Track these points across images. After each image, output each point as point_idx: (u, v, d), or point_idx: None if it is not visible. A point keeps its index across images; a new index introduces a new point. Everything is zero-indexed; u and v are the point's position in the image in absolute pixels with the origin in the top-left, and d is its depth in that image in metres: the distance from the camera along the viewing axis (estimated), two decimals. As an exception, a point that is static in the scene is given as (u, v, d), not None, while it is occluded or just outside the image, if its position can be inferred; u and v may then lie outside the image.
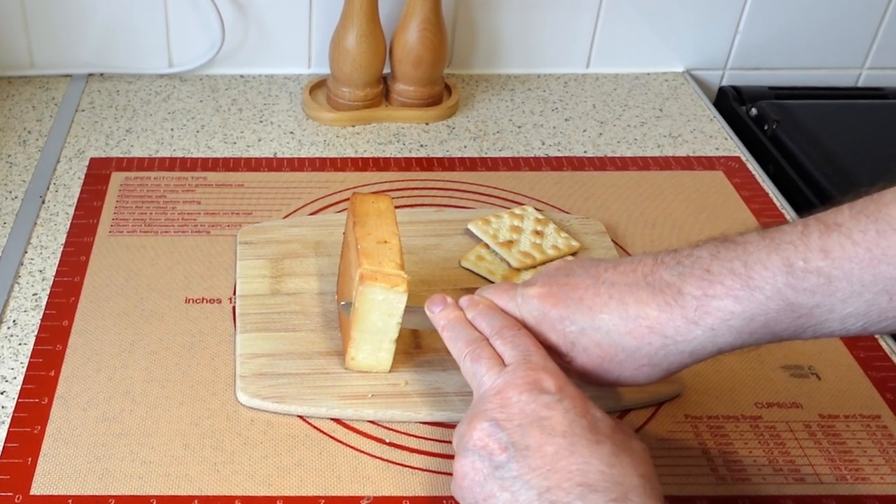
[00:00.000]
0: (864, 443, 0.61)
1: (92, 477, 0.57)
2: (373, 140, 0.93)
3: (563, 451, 0.48)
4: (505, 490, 0.48)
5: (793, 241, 0.49)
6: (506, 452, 0.49)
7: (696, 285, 0.50)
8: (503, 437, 0.49)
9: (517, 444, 0.49)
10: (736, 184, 0.87)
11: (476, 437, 0.50)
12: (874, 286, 0.47)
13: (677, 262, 0.52)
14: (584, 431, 0.49)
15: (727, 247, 0.51)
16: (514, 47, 1.04)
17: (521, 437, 0.49)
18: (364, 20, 0.89)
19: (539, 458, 0.48)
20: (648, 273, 0.53)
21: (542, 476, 0.47)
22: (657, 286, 0.52)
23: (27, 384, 0.63)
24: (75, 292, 0.71)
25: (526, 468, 0.48)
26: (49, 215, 0.80)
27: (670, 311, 0.51)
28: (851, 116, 1.01)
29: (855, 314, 0.48)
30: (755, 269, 0.49)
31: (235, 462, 0.59)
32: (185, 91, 1.00)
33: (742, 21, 1.04)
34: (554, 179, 0.87)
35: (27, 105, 0.96)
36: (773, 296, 0.48)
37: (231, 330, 0.68)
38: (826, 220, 0.49)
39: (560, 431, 0.49)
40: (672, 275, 0.52)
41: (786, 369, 0.66)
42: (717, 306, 0.50)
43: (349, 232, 0.64)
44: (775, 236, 0.50)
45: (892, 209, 0.47)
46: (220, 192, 0.83)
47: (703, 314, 0.50)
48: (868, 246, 0.46)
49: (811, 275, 0.47)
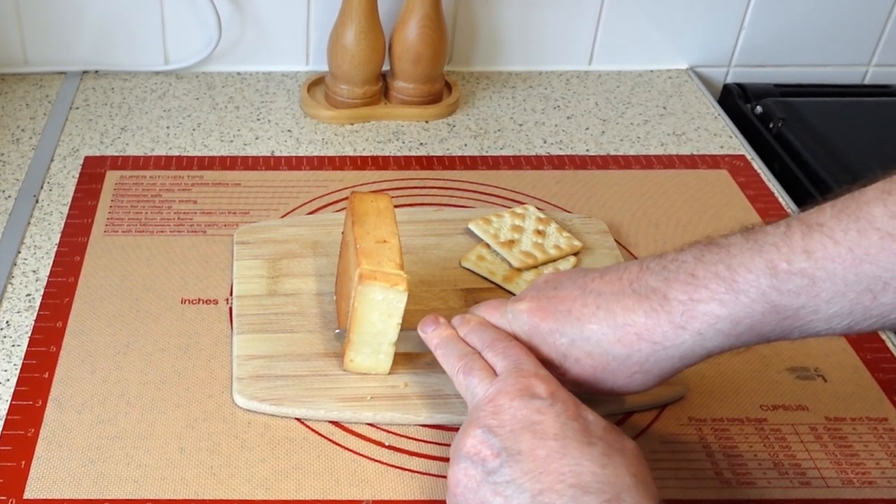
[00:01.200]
0: (871, 446, 0.61)
1: (86, 480, 0.57)
2: (372, 138, 0.93)
3: (555, 453, 0.48)
4: (498, 495, 0.49)
5: (776, 243, 0.49)
6: (498, 458, 0.50)
7: (682, 290, 0.51)
8: (496, 442, 0.50)
9: (509, 450, 0.49)
10: (741, 183, 0.87)
11: (469, 445, 0.51)
12: (857, 286, 0.47)
13: (662, 267, 0.53)
14: (575, 434, 0.49)
15: (711, 250, 0.51)
16: (515, 44, 1.04)
17: (514, 443, 0.50)
18: (363, 16, 0.89)
19: (531, 461, 0.48)
20: (634, 280, 0.53)
21: (535, 479, 0.48)
22: (643, 293, 0.52)
23: (20, 386, 0.63)
24: (69, 293, 0.71)
25: (518, 472, 0.49)
26: (43, 215, 0.80)
27: (657, 317, 0.51)
28: (858, 114, 1.01)
29: (840, 314, 0.48)
30: (739, 273, 0.49)
31: (232, 465, 0.59)
32: (181, 88, 1.00)
33: (747, 17, 1.04)
34: (556, 178, 0.87)
35: (21, 103, 0.96)
36: (757, 298, 0.49)
37: (228, 331, 0.68)
38: (808, 220, 0.49)
39: (552, 435, 0.49)
40: (657, 280, 0.52)
41: (791, 371, 0.66)
42: (703, 310, 0.50)
43: (348, 231, 0.64)
44: (758, 238, 0.50)
45: (872, 208, 0.47)
46: (217, 192, 0.83)
47: (689, 319, 0.51)
48: (850, 246, 0.47)
49: (795, 276, 0.48)
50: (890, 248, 0.46)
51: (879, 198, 0.47)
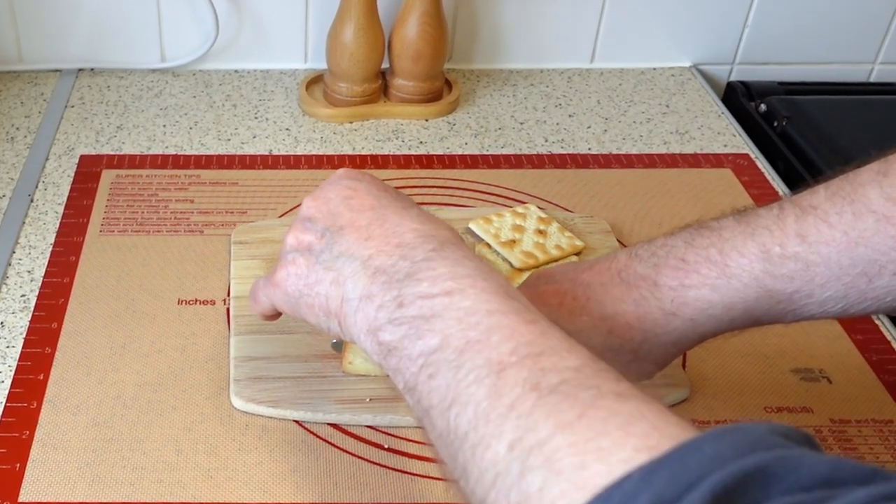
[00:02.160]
0: (877, 448, 0.61)
1: (82, 483, 0.57)
2: (371, 137, 0.93)
3: (375, 221, 0.49)
4: (330, 270, 0.49)
5: (768, 226, 0.49)
6: (323, 239, 0.50)
7: (672, 276, 0.51)
8: (317, 227, 0.51)
9: (331, 228, 0.50)
10: (745, 182, 0.87)
11: (291, 238, 0.52)
12: (852, 269, 0.47)
13: (651, 253, 0.52)
14: (391, 202, 0.50)
15: (702, 233, 0.51)
16: (516, 41, 1.04)
17: (333, 221, 0.50)
18: (362, 13, 0.89)
19: (354, 231, 0.49)
20: (622, 269, 0.53)
21: (361, 246, 0.48)
22: (632, 281, 0.52)
23: (15, 388, 0.63)
24: (65, 293, 0.71)
25: (344, 245, 0.49)
26: (38, 214, 0.80)
27: (647, 305, 0.51)
28: (864, 112, 1.01)
29: (834, 297, 0.48)
30: (731, 257, 0.49)
31: (230, 468, 0.59)
32: (177, 86, 1.00)
33: (751, 14, 1.04)
34: (557, 177, 0.87)
35: (15, 101, 0.96)
36: (750, 283, 0.49)
37: (225, 332, 0.68)
38: (801, 202, 0.49)
39: (368, 206, 0.50)
40: (646, 267, 0.52)
41: (796, 373, 0.66)
42: (695, 296, 0.50)
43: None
44: (751, 221, 0.50)
45: (867, 190, 0.47)
46: (214, 191, 0.83)
47: (680, 305, 0.50)
48: (845, 229, 0.47)
49: (788, 260, 0.48)
50: (885, 231, 0.46)
51: (874, 179, 0.47)
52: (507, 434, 0.36)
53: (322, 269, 0.49)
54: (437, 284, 0.44)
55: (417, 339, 0.43)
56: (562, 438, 0.35)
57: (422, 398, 0.42)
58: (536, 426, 0.36)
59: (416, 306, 0.43)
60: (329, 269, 0.49)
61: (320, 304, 0.50)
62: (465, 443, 0.38)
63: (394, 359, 0.44)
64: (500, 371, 0.39)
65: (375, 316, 0.45)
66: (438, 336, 0.42)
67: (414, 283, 0.44)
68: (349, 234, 0.49)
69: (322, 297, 0.49)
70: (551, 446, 0.35)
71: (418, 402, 0.43)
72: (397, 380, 0.45)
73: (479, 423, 0.38)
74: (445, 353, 0.41)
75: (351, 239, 0.49)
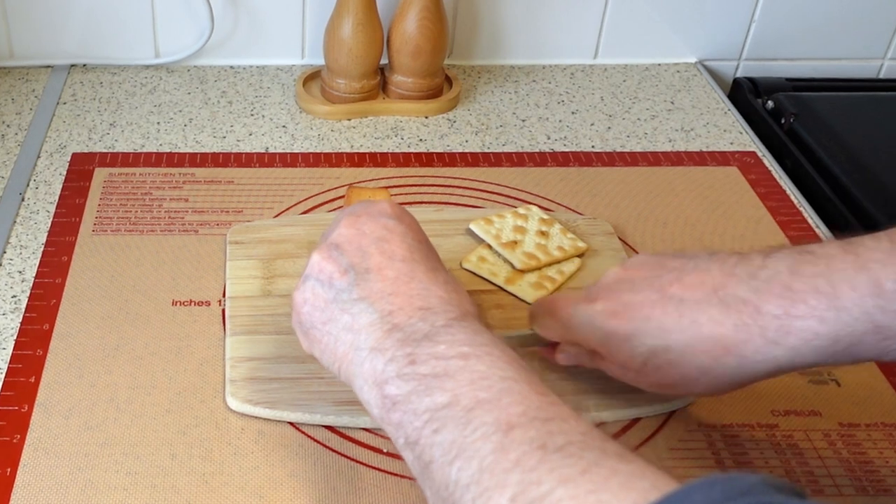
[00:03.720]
0: (887, 452, 0.61)
1: (74, 488, 0.57)
2: (369, 134, 0.93)
3: (404, 276, 0.49)
4: (346, 312, 0.49)
5: (882, 260, 0.48)
6: (346, 276, 0.50)
7: (777, 304, 0.50)
8: (343, 259, 0.51)
9: (357, 267, 0.50)
10: (751, 180, 0.87)
11: (315, 262, 0.52)
12: None
13: (750, 275, 0.51)
14: (423, 259, 0.51)
15: (807, 260, 0.50)
16: (518, 36, 1.04)
17: (362, 260, 0.50)
18: (360, 8, 0.89)
19: (380, 282, 0.49)
20: (720, 287, 0.52)
21: (385, 300, 0.49)
22: (731, 303, 0.51)
23: (6, 391, 0.63)
24: (57, 294, 0.71)
25: (366, 291, 0.49)
26: (29, 213, 0.80)
27: (748, 332, 0.50)
28: (873, 109, 1.01)
29: None
30: (841, 289, 0.48)
31: (225, 473, 0.59)
32: (172, 83, 1.00)
33: (758, 9, 1.04)
34: (560, 175, 0.87)
35: (6, 97, 0.96)
36: (860, 317, 0.48)
37: (220, 333, 0.68)
38: None
39: (400, 256, 0.50)
40: (747, 291, 0.51)
41: (804, 375, 0.66)
42: (801, 326, 0.49)
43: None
44: (860, 252, 0.49)
45: None
46: (209, 189, 0.83)
47: (784, 334, 0.50)
48: None
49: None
50: None
51: None
52: (511, 487, 0.37)
53: (338, 310, 0.50)
54: (453, 348, 0.45)
55: (426, 396, 0.44)
56: (563, 491, 0.36)
57: (423, 452, 0.43)
58: (540, 480, 0.37)
59: (430, 365, 0.45)
60: (345, 312, 0.50)
61: (328, 343, 0.51)
62: (467, 494, 0.39)
63: (397, 413, 0.45)
64: (509, 430, 0.40)
65: (384, 369, 0.46)
66: (449, 394, 0.43)
67: (431, 345, 0.46)
68: (374, 282, 0.49)
69: (331, 337, 0.50)
70: (553, 499, 0.36)
71: (419, 458, 0.43)
72: (397, 434, 0.45)
73: (482, 477, 0.39)
74: (454, 411, 0.42)
75: (375, 288, 0.49)
